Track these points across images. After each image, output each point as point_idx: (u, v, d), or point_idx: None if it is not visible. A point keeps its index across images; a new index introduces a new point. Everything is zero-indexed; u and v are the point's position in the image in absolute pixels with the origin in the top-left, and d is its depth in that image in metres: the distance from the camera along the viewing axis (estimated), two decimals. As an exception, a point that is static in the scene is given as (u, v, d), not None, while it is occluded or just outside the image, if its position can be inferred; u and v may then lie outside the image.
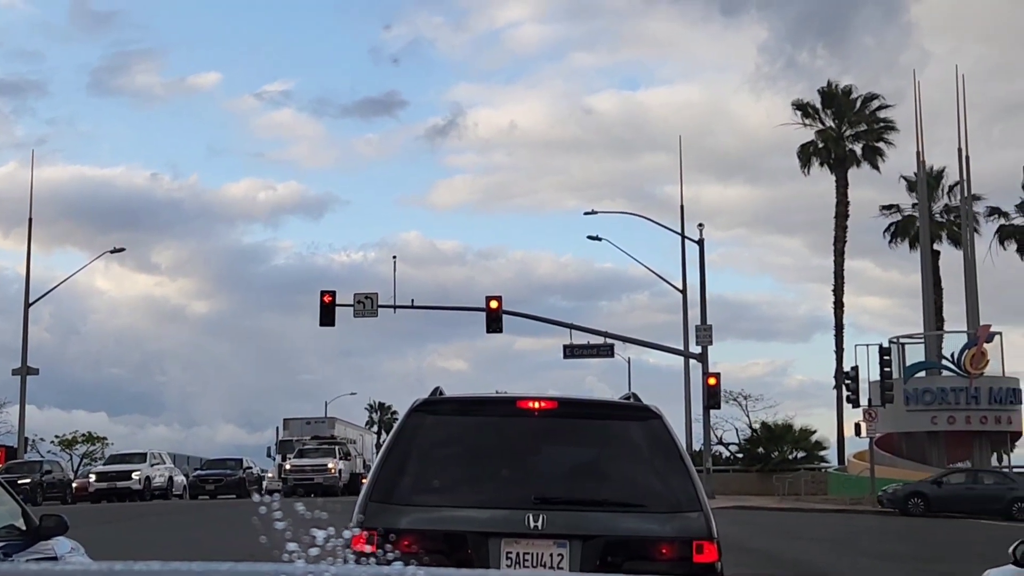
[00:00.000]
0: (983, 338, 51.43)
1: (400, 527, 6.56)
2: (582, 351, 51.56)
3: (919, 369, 53.12)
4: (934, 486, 40.66)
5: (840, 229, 65.59)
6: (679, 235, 54.34)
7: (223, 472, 53.82)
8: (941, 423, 51.13)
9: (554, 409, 7.06)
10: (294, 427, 65.78)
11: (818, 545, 25.01)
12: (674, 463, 6.87)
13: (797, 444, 67.01)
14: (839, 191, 65.80)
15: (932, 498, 39.62)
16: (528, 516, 6.52)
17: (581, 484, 6.97)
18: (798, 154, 66.21)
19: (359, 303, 47.62)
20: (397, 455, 6.90)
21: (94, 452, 75.71)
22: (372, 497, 6.70)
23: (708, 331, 51.89)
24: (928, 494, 39.92)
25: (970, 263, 55.61)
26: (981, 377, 50.79)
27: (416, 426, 7.04)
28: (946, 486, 40.44)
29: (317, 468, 54.95)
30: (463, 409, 7.32)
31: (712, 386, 49.57)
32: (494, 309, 46.13)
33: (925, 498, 39.72)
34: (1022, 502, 38.53)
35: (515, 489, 6.71)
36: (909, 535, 28.34)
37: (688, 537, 6.57)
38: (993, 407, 50.97)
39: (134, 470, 47.65)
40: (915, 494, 40.08)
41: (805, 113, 66.37)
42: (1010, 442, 53.52)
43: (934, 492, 40.05)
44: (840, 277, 65.80)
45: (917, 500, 39.70)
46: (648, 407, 7.21)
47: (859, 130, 65.67)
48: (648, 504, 6.73)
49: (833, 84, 66.89)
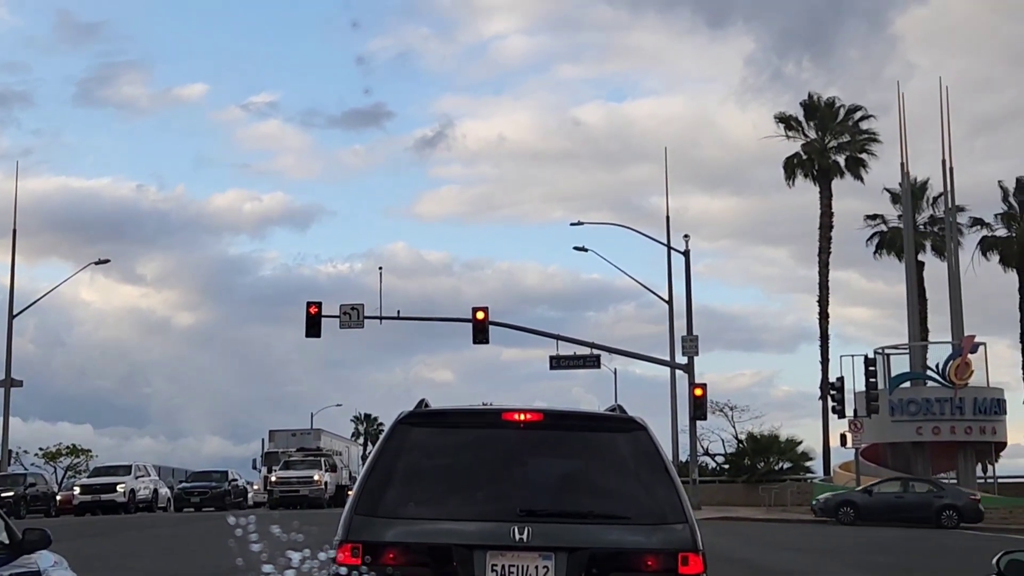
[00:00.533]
0: (967, 349, 51.63)
1: (385, 540, 6.55)
2: (568, 362, 51.56)
3: (904, 380, 53.27)
4: (864, 495, 41.75)
5: (824, 240, 65.82)
6: (665, 246, 54.47)
7: (208, 485, 53.62)
8: (926, 433, 51.30)
9: (540, 421, 7.05)
10: (280, 439, 65.59)
11: (805, 556, 25.02)
12: (659, 475, 6.87)
13: (783, 455, 67.00)
14: (823, 202, 66.05)
15: (862, 507, 40.68)
16: (514, 528, 6.51)
17: (567, 496, 6.96)
18: (783, 166, 66.49)
19: (345, 314, 47.54)
20: (382, 468, 6.88)
21: (78, 465, 75.31)
22: (357, 510, 6.68)
23: (694, 342, 51.96)
24: (858, 503, 41.00)
25: (954, 274, 55.85)
26: (966, 388, 50.98)
27: (402, 438, 7.02)
28: (876, 495, 41.45)
29: (303, 480, 54.77)
30: (449, 421, 7.30)
31: (698, 397, 49.62)
32: (480, 320, 46.12)
33: (855, 507, 40.77)
34: (950, 510, 39.36)
35: (501, 501, 6.70)
36: (900, 545, 28.38)
37: (674, 549, 6.57)
38: (978, 417, 51.15)
39: (119, 483, 47.39)
40: (846, 503, 41.14)
41: (788, 126, 66.63)
42: (995, 452, 53.71)
43: (864, 501, 41.08)
44: (825, 288, 66.00)
45: (848, 509, 40.69)
46: (633, 419, 7.21)
47: (842, 141, 65.95)
48: (633, 516, 6.73)
49: (815, 96, 67.21)
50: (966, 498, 40.41)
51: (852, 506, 40.74)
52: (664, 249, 54.46)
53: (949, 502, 39.78)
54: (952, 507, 39.44)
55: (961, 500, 40.14)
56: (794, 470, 65.46)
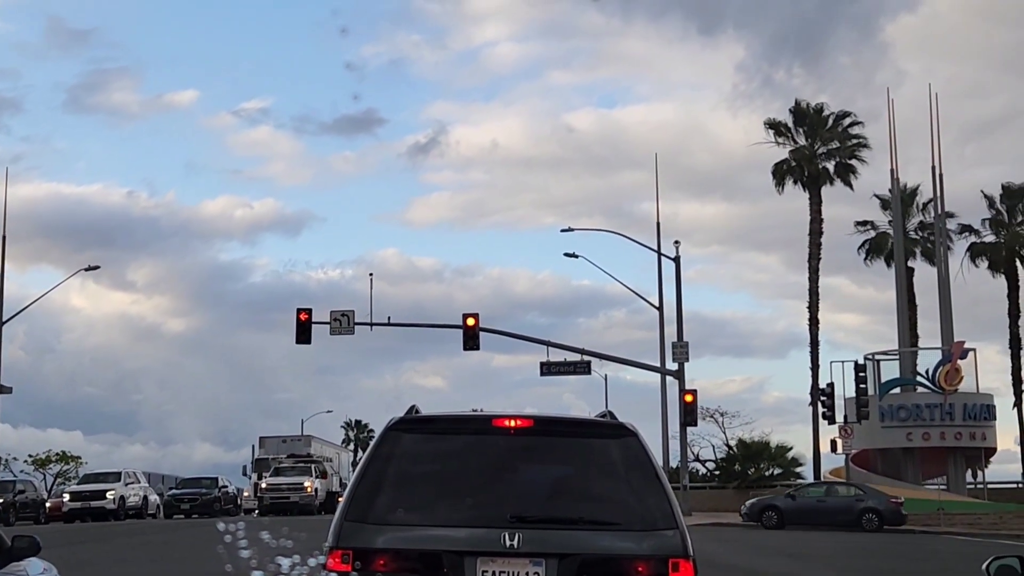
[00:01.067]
0: (957, 355, 51.75)
1: (376, 546, 6.54)
2: (559, 368, 51.57)
3: (894, 386, 53.39)
4: (788, 499, 42.45)
5: (814, 246, 65.89)
6: (656, 252, 54.55)
7: (198, 491, 53.48)
8: (916, 439, 51.42)
9: (530, 427, 7.05)
10: (270, 445, 65.47)
11: (796, 561, 25.05)
12: (650, 481, 6.87)
13: (774, 461, 67.08)
14: (813, 209, 66.12)
15: (785, 511, 41.27)
16: (504, 535, 6.51)
17: (557, 502, 6.95)
18: (772, 172, 66.55)
19: (335, 320, 47.51)
20: (373, 474, 6.87)
21: (68, 471, 75.06)
22: (348, 516, 6.67)
23: (684, 348, 52.02)
24: (782, 507, 41.62)
25: (944, 280, 56.00)
26: (955, 393, 51.12)
27: (392, 445, 7.01)
28: (800, 499, 42.16)
29: (293, 487, 54.68)
30: (439, 428, 7.29)
31: (689, 403, 49.67)
32: (471, 326, 46.12)
33: (779, 511, 41.31)
34: (871, 513, 39.90)
35: (491, 507, 6.69)
36: (891, 550, 28.43)
37: (664, 555, 6.57)
38: (967, 423, 51.28)
39: (108, 489, 47.28)
40: (770, 507, 41.67)
41: (777, 132, 66.67)
42: (984, 458, 53.88)
43: (788, 505, 41.72)
44: (815, 294, 66.05)
45: (771, 513, 41.20)
46: (624, 425, 7.21)
47: (832, 147, 66.01)
48: (624, 522, 6.73)
49: (804, 103, 67.24)
50: (887, 501, 40.88)
51: (776, 510, 41.34)
52: (655, 255, 54.60)
53: (870, 505, 40.34)
54: (873, 510, 40.03)
55: (882, 503, 40.62)
56: (784, 476, 65.53)
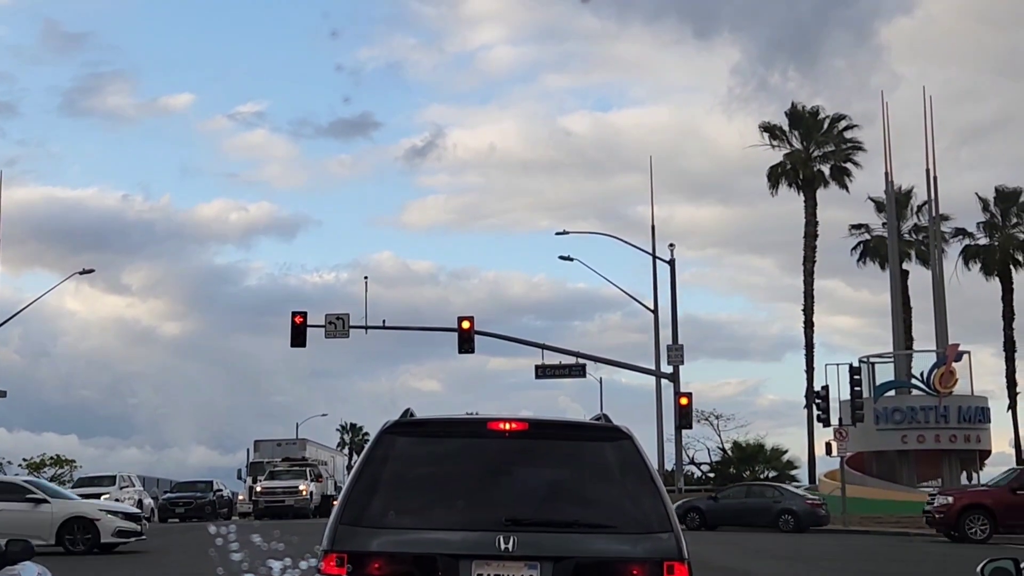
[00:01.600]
0: (952, 357, 51.82)
1: (370, 550, 6.53)
2: (554, 371, 51.61)
3: (889, 388, 53.43)
4: (710, 501, 42.77)
5: (809, 249, 66.00)
6: (650, 255, 54.59)
7: (193, 495, 53.38)
8: (911, 442, 51.48)
9: (525, 430, 7.04)
10: (265, 449, 65.42)
11: (789, 563, 25.07)
12: (645, 484, 6.86)
13: (769, 464, 67.21)
14: (808, 211, 66.24)
15: (707, 512, 41.52)
16: (499, 538, 6.49)
17: (552, 505, 6.94)
18: (767, 175, 66.67)
19: (331, 324, 47.50)
20: (367, 477, 6.86)
21: (63, 475, 74.89)
22: (342, 520, 6.66)
23: (679, 351, 52.07)
24: (704, 509, 41.87)
25: (938, 282, 56.08)
26: (950, 396, 51.18)
27: (387, 448, 7.00)
28: (722, 501, 42.41)
29: (288, 490, 54.63)
30: (434, 431, 7.28)
31: (684, 406, 49.71)
32: (466, 329, 46.14)
33: (701, 513, 41.54)
34: (787, 514, 40.25)
35: (486, 511, 6.68)
36: (886, 554, 28.45)
37: (659, 558, 6.56)
38: (962, 426, 51.34)
39: (102, 493, 47.04)
40: (693, 509, 41.81)
41: (772, 135, 66.81)
42: (979, 460, 53.90)
43: (710, 507, 41.98)
44: (810, 297, 66.15)
45: (694, 515, 41.29)
46: (619, 428, 7.20)
47: (827, 151, 66.15)
48: (619, 525, 6.72)
49: (799, 106, 67.43)
50: (803, 503, 41.25)
51: (698, 512, 41.56)
52: (650, 258, 54.67)
53: (787, 507, 40.69)
54: (789, 511, 40.35)
55: (798, 505, 40.95)
56: (779, 479, 65.53)
